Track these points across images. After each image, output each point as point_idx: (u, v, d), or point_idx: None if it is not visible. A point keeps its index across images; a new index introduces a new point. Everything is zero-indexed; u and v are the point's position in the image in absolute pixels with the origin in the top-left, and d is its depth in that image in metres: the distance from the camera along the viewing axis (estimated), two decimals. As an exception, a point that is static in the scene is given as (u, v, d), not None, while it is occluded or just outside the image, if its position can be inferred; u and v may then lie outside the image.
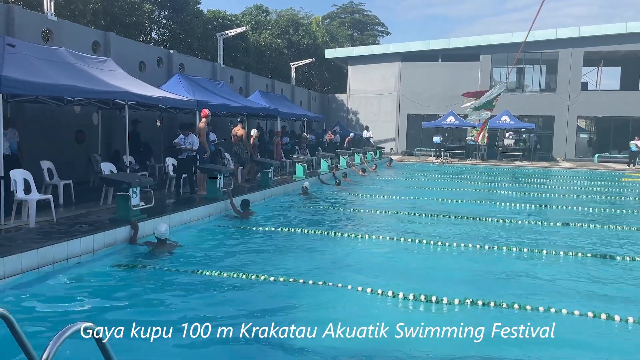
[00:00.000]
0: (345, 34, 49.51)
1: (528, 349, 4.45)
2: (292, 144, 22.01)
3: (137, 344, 4.33)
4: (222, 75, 21.19)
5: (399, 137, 34.88)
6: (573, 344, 4.67)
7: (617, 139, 31.67)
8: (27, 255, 6.00)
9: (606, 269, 7.17)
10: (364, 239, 8.75)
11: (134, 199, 7.88)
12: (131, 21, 21.12)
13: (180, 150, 10.79)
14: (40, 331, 4.56)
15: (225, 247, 8.20)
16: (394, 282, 6.14)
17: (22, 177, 7.90)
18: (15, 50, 8.70)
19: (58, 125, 12.38)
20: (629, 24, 30.06)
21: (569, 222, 10.40)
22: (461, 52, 32.97)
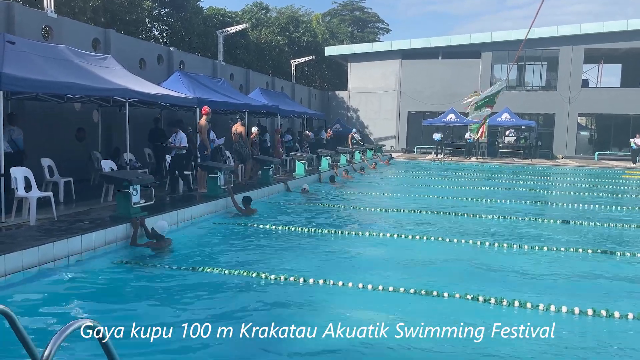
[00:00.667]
0: (345, 31, 49.45)
1: (528, 348, 4.45)
2: (292, 142, 22.02)
3: (137, 342, 4.33)
4: (223, 72, 21.17)
5: (399, 135, 34.86)
6: (573, 342, 4.67)
7: (617, 137, 31.64)
8: (28, 253, 6.00)
9: (607, 265, 7.17)
10: (365, 236, 8.75)
11: (134, 196, 7.88)
12: (131, 18, 21.08)
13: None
14: (41, 328, 4.57)
15: (226, 245, 8.20)
16: (395, 278, 6.15)
17: (22, 174, 7.90)
18: (15, 48, 8.69)
19: (58, 122, 12.37)
20: (630, 21, 30.00)
21: (569, 220, 10.41)
22: (462, 50, 32.91)
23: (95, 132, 13.11)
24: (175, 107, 13.76)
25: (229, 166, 12.04)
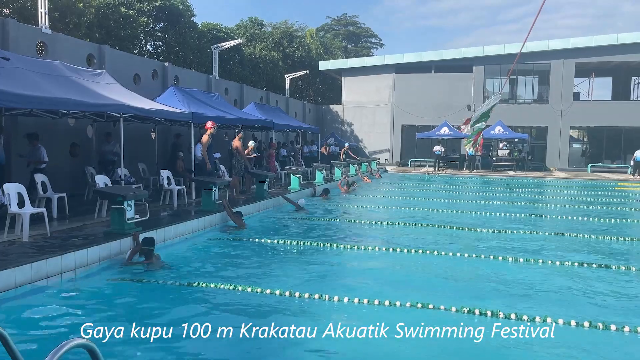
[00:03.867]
0: (339, 45, 49.84)
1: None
2: (287, 156, 22.04)
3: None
4: (217, 87, 21.24)
5: (393, 148, 35.01)
6: (570, 353, 4.67)
7: (609, 149, 31.92)
8: (21, 270, 5.94)
9: (601, 278, 7.18)
10: (360, 250, 8.73)
11: (128, 211, 7.84)
12: (126, 34, 21.18)
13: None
14: (34, 349, 4.50)
15: (220, 260, 8.15)
16: (389, 292, 6.12)
17: (15, 190, 7.85)
18: (9, 64, 8.69)
19: (52, 138, 12.34)
20: (620, 35, 30.46)
21: (563, 232, 10.44)
22: (454, 64, 33.24)
23: (90, 147, 13.07)
24: (169, 122, 13.77)
25: (224, 181, 12.03)
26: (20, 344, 4.32)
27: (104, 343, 4.48)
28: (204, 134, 12.32)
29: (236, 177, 13.66)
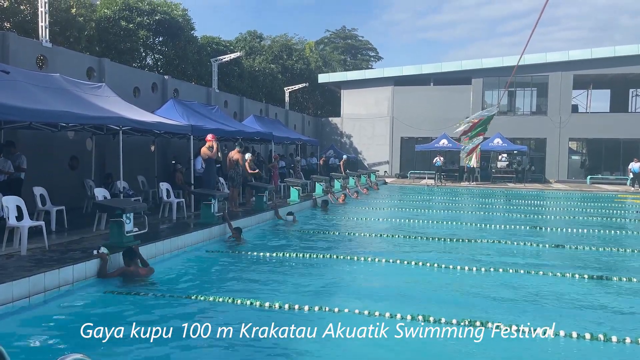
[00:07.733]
0: (338, 58, 50.12)
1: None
2: (287, 168, 22.04)
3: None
4: (217, 100, 21.32)
5: (392, 160, 35.06)
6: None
7: (608, 161, 31.98)
8: (18, 284, 5.90)
9: (602, 290, 7.14)
10: (359, 261, 8.69)
11: (127, 224, 7.82)
12: (126, 47, 21.28)
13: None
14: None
15: (219, 273, 8.12)
16: (390, 304, 6.08)
17: (14, 203, 7.83)
18: (9, 77, 8.71)
19: (51, 151, 12.34)
20: (617, 47, 30.66)
21: (564, 244, 10.41)
22: (453, 76, 33.42)
23: (89, 160, 13.08)
24: (169, 134, 13.79)
25: (223, 193, 12.01)
26: (17, 358, 4.28)
27: (102, 353, 4.44)
28: (203, 147, 12.34)
29: (235, 189, 13.65)
